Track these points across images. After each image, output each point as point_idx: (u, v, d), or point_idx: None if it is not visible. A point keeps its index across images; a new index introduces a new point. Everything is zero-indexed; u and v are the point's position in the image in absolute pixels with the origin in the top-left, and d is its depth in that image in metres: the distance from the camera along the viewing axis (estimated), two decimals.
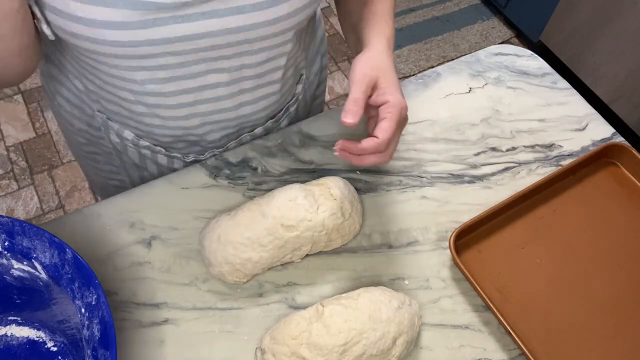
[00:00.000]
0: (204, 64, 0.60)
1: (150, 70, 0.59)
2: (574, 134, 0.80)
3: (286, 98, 0.77)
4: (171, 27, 0.53)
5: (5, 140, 1.85)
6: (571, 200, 0.73)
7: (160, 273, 0.66)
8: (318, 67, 0.85)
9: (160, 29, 0.53)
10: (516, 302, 0.65)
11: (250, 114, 0.72)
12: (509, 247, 0.69)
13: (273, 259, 0.63)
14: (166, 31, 0.53)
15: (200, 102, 0.66)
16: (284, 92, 0.74)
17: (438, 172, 0.75)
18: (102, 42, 0.53)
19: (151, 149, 0.74)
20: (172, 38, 0.54)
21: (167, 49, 0.56)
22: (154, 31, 0.53)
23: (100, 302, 0.52)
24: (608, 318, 0.65)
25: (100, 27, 0.51)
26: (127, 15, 0.51)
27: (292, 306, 0.64)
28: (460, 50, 2.16)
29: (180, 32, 0.54)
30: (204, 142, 0.74)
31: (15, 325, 0.61)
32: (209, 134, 0.73)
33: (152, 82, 0.60)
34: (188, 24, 0.54)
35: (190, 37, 0.55)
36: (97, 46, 0.54)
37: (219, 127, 0.72)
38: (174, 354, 0.61)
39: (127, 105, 0.66)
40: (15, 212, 1.70)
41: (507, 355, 0.62)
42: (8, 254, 0.56)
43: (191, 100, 0.65)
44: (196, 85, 0.62)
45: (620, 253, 0.69)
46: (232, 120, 0.71)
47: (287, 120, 0.81)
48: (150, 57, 0.56)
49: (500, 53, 0.88)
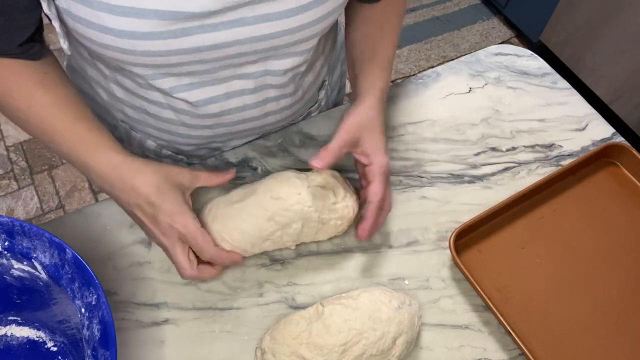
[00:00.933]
0: (230, 69, 0.60)
1: (177, 76, 0.59)
2: (574, 134, 0.80)
3: (308, 104, 0.78)
4: (200, 36, 0.53)
5: (5, 140, 1.85)
6: (571, 200, 0.73)
7: (160, 273, 0.66)
8: (339, 73, 0.86)
9: (190, 39, 0.53)
10: (516, 302, 0.65)
11: (274, 122, 0.73)
12: (509, 247, 0.69)
13: (262, 231, 0.62)
14: (195, 40, 0.54)
15: (227, 112, 0.66)
16: (307, 99, 0.75)
17: (438, 172, 0.75)
18: (132, 52, 0.53)
19: (173, 157, 0.76)
20: (200, 47, 0.55)
21: (196, 58, 0.56)
22: (184, 40, 0.53)
23: (100, 302, 0.52)
24: (608, 317, 0.65)
25: (130, 38, 0.52)
26: (156, 26, 0.51)
27: (292, 306, 0.64)
28: (460, 50, 2.16)
29: (209, 41, 0.54)
30: (226, 147, 0.76)
31: (15, 325, 0.61)
32: (231, 141, 0.74)
33: (179, 90, 0.61)
34: (216, 33, 0.54)
35: (219, 45, 0.55)
36: (126, 56, 0.54)
37: (243, 136, 0.74)
38: (174, 354, 0.61)
39: (154, 111, 0.66)
40: (15, 212, 1.70)
41: (507, 355, 0.62)
42: (8, 254, 0.55)
43: (218, 111, 0.65)
44: (222, 92, 0.63)
45: (620, 253, 0.69)
46: (257, 129, 0.73)
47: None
48: (179, 65, 0.57)
49: (500, 53, 0.88)
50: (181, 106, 0.64)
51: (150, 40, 0.52)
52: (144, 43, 0.52)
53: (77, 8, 0.51)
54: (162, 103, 0.64)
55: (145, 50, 0.53)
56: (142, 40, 0.52)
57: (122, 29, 0.51)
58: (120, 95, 0.67)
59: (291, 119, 0.76)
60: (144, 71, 0.58)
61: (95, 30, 0.52)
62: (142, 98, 0.65)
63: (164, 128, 0.69)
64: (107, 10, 0.50)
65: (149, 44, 0.53)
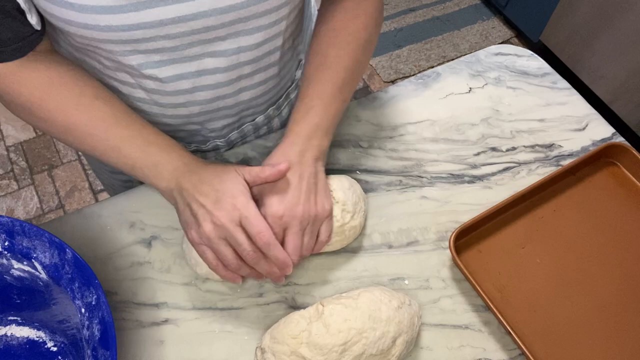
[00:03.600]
0: (199, 46, 0.59)
1: (146, 53, 0.59)
2: (574, 134, 0.80)
3: (285, 83, 0.76)
4: (162, 9, 0.53)
5: (5, 140, 1.85)
6: (571, 200, 0.73)
7: (160, 273, 0.66)
8: None
9: (152, 11, 0.53)
10: (516, 302, 0.65)
11: (250, 99, 0.71)
12: (509, 246, 0.69)
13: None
14: (158, 13, 0.53)
15: (199, 88, 0.65)
16: (283, 76, 0.73)
17: (438, 172, 0.75)
18: (95, 27, 0.53)
19: None
20: (164, 20, 0.54)
21: (160, 32, 0.55)
22: (146, 14, 0.53)
23: (100, 302, 0.52)
24: (608, 317, 0.65)
25: (92, 13, 0.52)
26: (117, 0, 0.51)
27: (292, 306, 0.64)
28: (460, 50, 2.16)
29: (172, 14, 0.54)
30: (205, 130, 0.74)
31: (15, 325, 0.61)
32: (209, 122, 0.73)
33: (149, 67, 0.60)
34: (179, 5, 0.53)
35: (182, 18, 0.55)
36: (90, 32, 0.54)
37: (219, 116, 0.72)
38: (174, 354, 0.61)
39: (126, 90, 0.66)
40: (15, 212, 1.70)
41: (507, 355, 0.62)
42: (8, 254, 0.56)
43: (189, 87, 0.64)
44: (193, 69, 0.62)
45: (621, 253, 0.69)
46: (232, 107, 0.71)
47: (289, 108, 0.81)
48: (145, 40, 0.56)
49: (500, 53, 0.88)
50: (151, 86, 0.63)
51: (112, 15, 0.52)
52: (106, 17, 0.52)
53: None
54: (132, 83, 0.64)
55: (108, 24, 0.53)
56: (104, 15, 0.52)
57: (83, 3, 0.51)
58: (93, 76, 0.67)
59: (268, 96, 0.74)
60: (112, 47, 0.57)
61: (57, 6, 0.52)
62: (112, 79, 0.64)
63: (138, 108, 0.68)
64: None
65: (110, 18, 0.52)
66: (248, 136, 0.79)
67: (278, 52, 0.67)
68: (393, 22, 2.23)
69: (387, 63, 2.11)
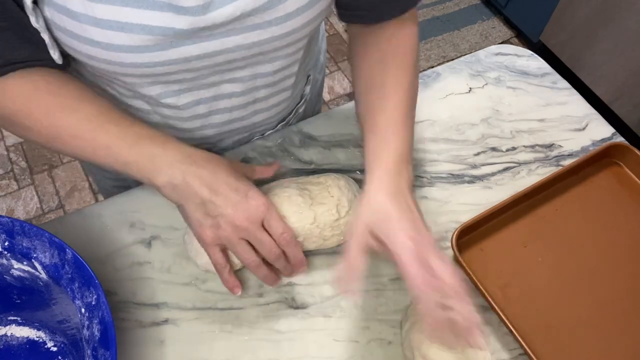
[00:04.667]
0: (218, 75, 0.60)
1: (166, 84, 0.59)
2: (574, 134, 0.80)
3: (296, 101, 0.78)
4: (189, 47, 0.53)
5: (5, 140, 1.85)
6: (573, 200, 0.73)
7: (160, 273, 0.65)
8: (321, 65, 0.86)
9: (178, 50, 0.53)
10: (517, 301, 0.65)
11: (263, 121, 0.73)
12: (511, 245, 0.69)
13: None
14: (183, 51, 0.53)
15: (215, 112, 0.66)
16: (295, 95, 0.75)
17: (438, 172, 0.75)
18: (119, 64, 0.53)
19: None
20: (189, 57, 0.54)
21: (184, 67, 0.56)
22: (172, 52, 0.53)
23: (100, 302, 0.52)
24: (610, 317, 0.65)
25: (117, 51, 0.51)
26: (145, 40, 0.51)
27: (292, 306, 0.64)
28: (460, 50, 2.16)
29: (197, 52, 0.54)
30: (216, 148, 0.75)
31: (15, 325, 0.61)
32: (222, 142, 0.74)
33: (167, 95, 0.60)
34: (205, 43, 0.53)
35: (207, 55, 0.55)
36: (114, 67, 0.54)
37: (233, 135, 0.73)
38: (174, 354, 0.61)
39: (141, 116, 0.65)
40: (15, 212, 1.70)
41: (509, 355, 0.62)
42: (8, 254, 0.55)
43: (206, 112, 0.65)
44: (210, 95, 0.63)
45: (622, 252, 0.69)
46: (246, 128, 0.72)
47: (296, 120, 0.82)
48: (167, 74, 0.56)
49: (500, 53, 0.88)
50: (167, 113, 0.63)
51: (138, 54, 0.52)
52: (132, 56, 0.52)
53: (62, 19, 0.50)
54: (148, 110, 0.64)
55: (133, 62, 0.53)
56: (130, 53, 0.52)
57: (108, 42, 0.50)
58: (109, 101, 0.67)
59: (280, 115, 0.75)
60: (132, 80, 0.57)
61: (81, 43, 0.51)
62: (128, 105, 0.64)
63: None
64: (94, 24, 0.49)
65: (136, 56, 0.52)
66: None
67: (294, 77, 0.68)
68: None
69: None
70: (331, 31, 2.19)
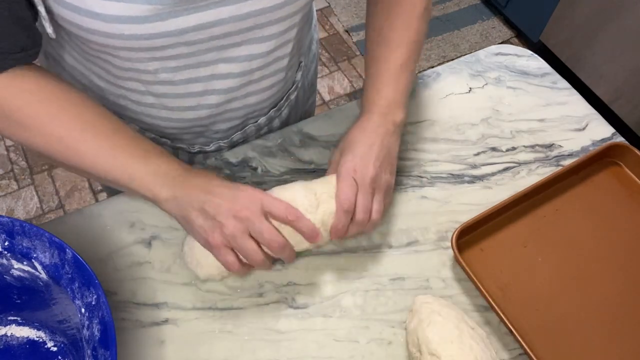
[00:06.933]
0: (215, 52, 0.61)
1: (162, 60, 0.59)
2: (574, 134, 0.80)
3: (288, 86, 0.78)
4: (185, 17, 0.54)
5: (5, 140, 1.85)
6: (574, 200, 0.73)
7: (160, 273, 0.66)
8: (313, 54, 0.86)
9: (176, 20, 0.54)
10: (518, 300, 0.65)
11: (256, 103, 0.73)
12: (511, 245, 0.69)
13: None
14: (181, 22, 0.54)
15: (210, 92, 0.66)
16: (287, 80, 0.75)
17: (438, 172, 0.75)
18: (118, 36, 0.54)
19: (157, 140, 0.75)
20: (186, 28, 0.55)
21: (181, 39, 0.56)
22: (170, 23, 0.54)
23: (100, 302, 0.52)
24: (610, 317, 0.65)
25: (117, 22, 0.52)
26: (144, 10, 0.51)
27: (292, 306, 0.64)
28: (460, 50, 2.16)
29: (194, 22, 0.55)
30: (209, 132, 0.75)
31: (15, 325, 0.61)
32: (214, 125, 0.73)
33: (164, 71, 0.61)
34: (201, 13, 0.54)
35: (203, 25, 0.56)
36: (113, 40, 0.54)
37: (225, 118, 0.73)
38: (174, 354, 0.61)
39: (135, 97, 0.66)
40: (15, 212, 1.70)
41: (508, 355, 0.62)
42: (8, 254, 0.55)
43: (200, 90, 0.65)
44: (207, 74, 0.63)
45: (623, 252, 0.69)
46: (239, 110, 0.72)
47: (288, 108, 0.82)
48: (165, 48, 0.57)
49: (500, 53, 0.88)
50: (162, 90, 0.64)
51: (138, 24, 0.52)
52: (131, 27, 0.53)
53: None
54: (142, 90, 0.64)
55: (132, 33, 0.53)
56: (130, 24, 0.52)
57: (109, 13, 0.51)
58: (100, 84, 0.67)
59: (272, 99, 0.75)
60: (130, 54, 0.57)
61: (82, 15, 0.52)
62: (121, 87, 0.64)
63: (146, 112, 0.69)
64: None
65: (136, 27, 0.53)
66: (250, 137, 0.80)
67: (287, 58, 0.68)
68: None
69: None
70: (331, 31, 2.19)
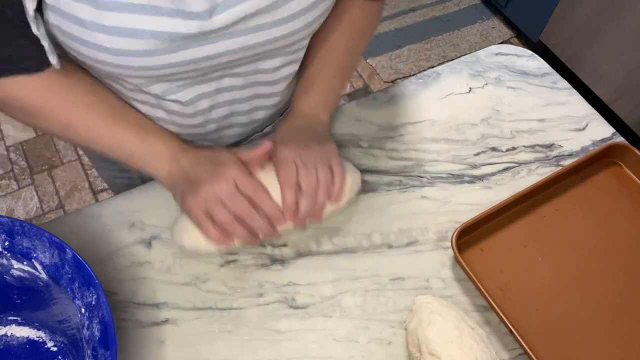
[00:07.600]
0: (220, 71, 0.61)
1: (169, 82, 0.60)
2: (574, 134, 0.80)
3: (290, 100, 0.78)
4: (195, 49, 0.54)
5: (5, 140, 1.85)
6: (574, 200, 0.73)
7: (160, 273, 0.66)
8: None
9: (184, 53, 0.54)
10: (518, 300, 0.65)
11: (263, 118, 0.74)
12: (511, 245, 0.69)
13: None
14: (190, 53, 0.54)
15: (216, 106, 0.66)
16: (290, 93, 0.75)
17: (438, 172, 0.75)
18: (128, 67, 0.54)
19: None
20: (194, 59, 0.55)
21: (189, 68, 0.57)
22: (179, 55, 0.54)
23: (100, 302, 0.52)
24: (610, 317, 0.65)
25: (126, 56, 0.52)
26: (153, 44, 0.51)
27: (292, 306, 0.64)
28: (460, 50, 2.16)
29: (203, 53, 0.55)
30: (217, 146, 0.75)
31: (15, 325, 0.61)
32: (222, 139, 0.74)
33: (171, 92, 0.62)
34: (210, 46, 0.55)
35: (212, 56, 0.56)
36: (122, 70, 0.55)
37: (233, 133, 0.74)
38: (174, 354, 0.61)
39: (146, 110, 0.66)
40: (15, 212, 1.70)
41: (508, 355, 0.62)
42: (8, 254, 0.55)
43: (208, 106, 0.65)
44: (212, 89, 0.63)
45: (623, 252, 0.69)
46: (247, 125, 0.73)
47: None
48: (172, 75, 0.57)
49: (500, 53, 0.88)
50: (172, 107, 0.64)
51: (147, 57, 0.53)
52: (141, 60, 0.53)
53: (69, 27, 0.51)
54: (153, 103, 0.65)
55: (142, 65, 0.54)
56: (138, 57, 0.52)
57: (118, 48, 0.51)
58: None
59: (279, 113, 0.77)
60: (138, 81, 0.58)
61: (89, 48, 0.52)
62: (133, 100, 0.65)
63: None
64: (102, 31, 0.50)
65: (145, 60, 0.53)
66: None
67: (294, 77, 0.69)
68: (393, 22, 2.23)
69: (387, 63, 2.11)
70: None
